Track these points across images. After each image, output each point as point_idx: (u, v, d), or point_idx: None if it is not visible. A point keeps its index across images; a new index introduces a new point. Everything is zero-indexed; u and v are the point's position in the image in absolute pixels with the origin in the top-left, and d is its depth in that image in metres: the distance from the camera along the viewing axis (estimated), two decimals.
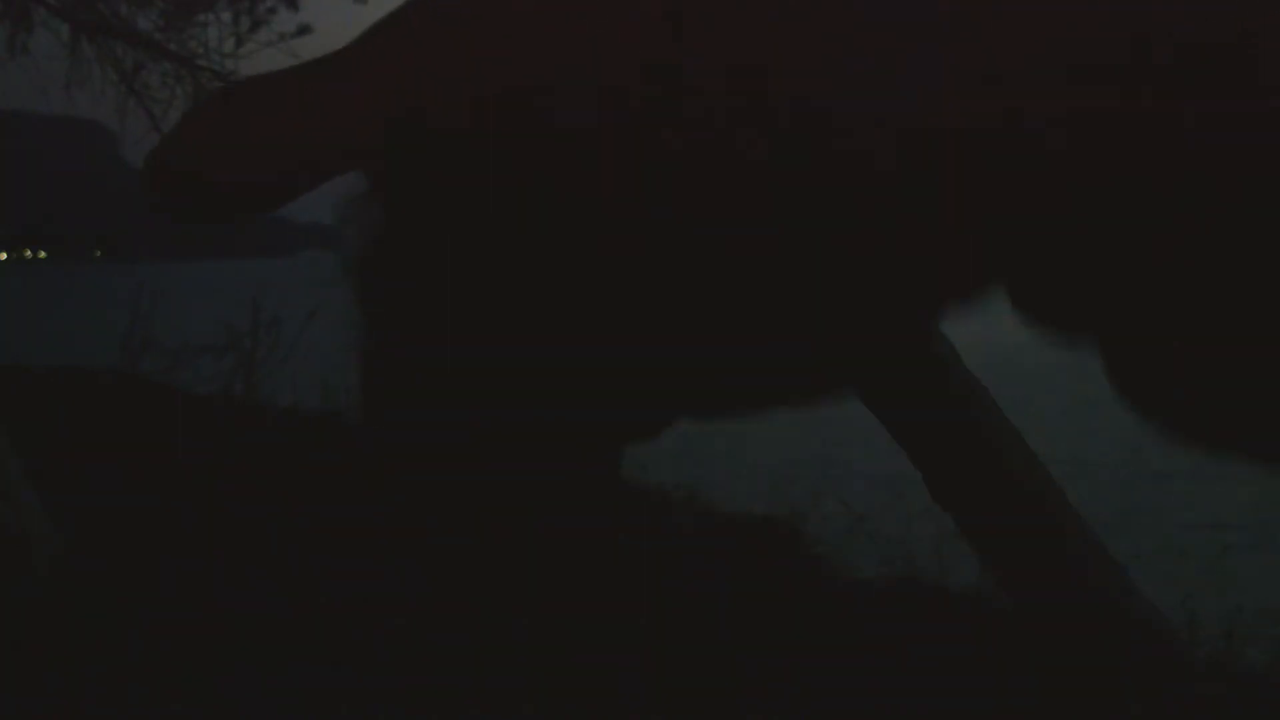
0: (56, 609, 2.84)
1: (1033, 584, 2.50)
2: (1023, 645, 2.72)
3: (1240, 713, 2.62)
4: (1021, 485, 2.45)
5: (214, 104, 2.62)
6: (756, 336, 1.95)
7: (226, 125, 2.21)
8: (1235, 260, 1.81)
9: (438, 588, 3.00)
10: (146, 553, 3.13)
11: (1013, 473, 2.45)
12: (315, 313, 5.74)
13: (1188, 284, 1.83)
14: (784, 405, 2.09)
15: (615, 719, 2.06)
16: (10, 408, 3.37)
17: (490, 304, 2.00)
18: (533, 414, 2.02)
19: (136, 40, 5.50)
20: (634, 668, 2.11)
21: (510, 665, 2.26)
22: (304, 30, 5.98)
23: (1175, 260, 1.81)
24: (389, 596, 2.96)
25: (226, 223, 2.40)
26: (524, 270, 1.97)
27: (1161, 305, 1.85)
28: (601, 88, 1.92)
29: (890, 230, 1.86)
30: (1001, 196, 1.83)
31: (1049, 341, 1.94)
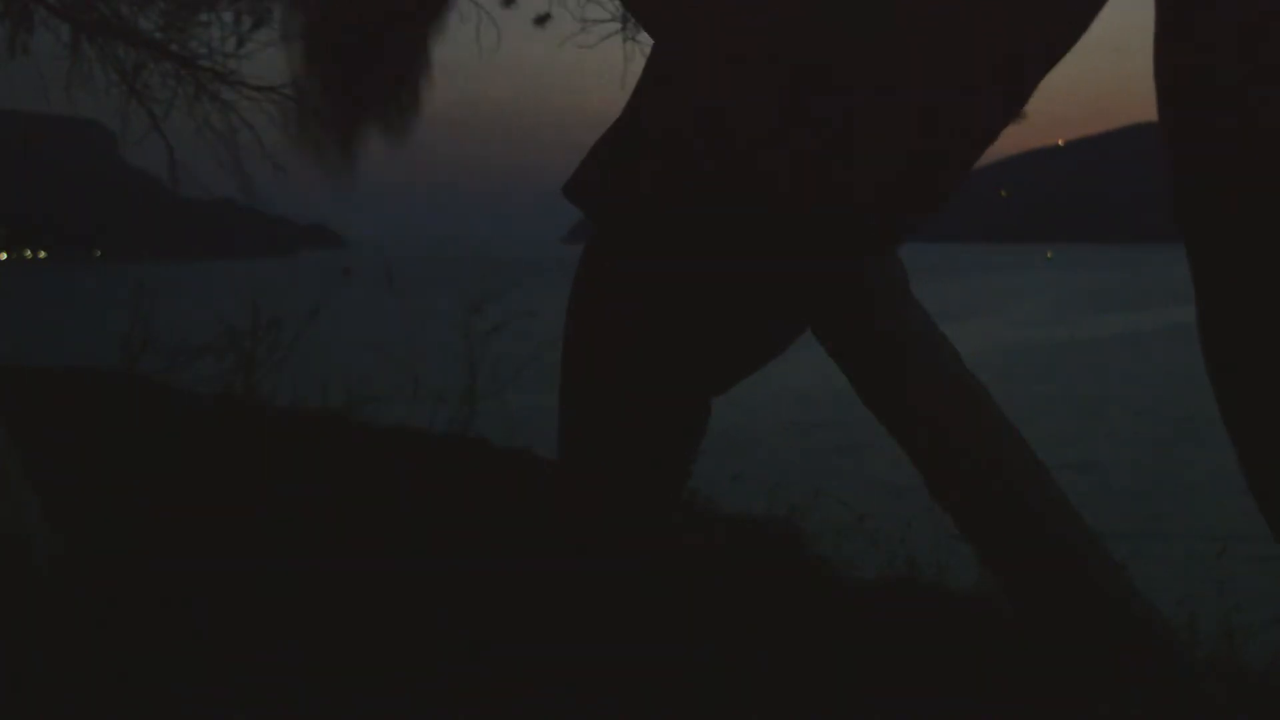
0: (56, 609, 2.84)
1: (1032, 584, 2.50)
2: (1023, 645, 2.72)
3: (1240, 713, 2.62)
4: (1022, 485, 2.45)
5: None
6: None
7: None
8: None
9: (437, 583, 3.00)
10: (146, 553, 3.13)
11: (1013, 473, 2.45)
12: (315, 312, 5.75)
13: None
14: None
15: (614, 718, 2.07)
16: (10, 408, 3.37)
17: None
18: None
19: (137, 40, 5.49)
20: (633, 667, 2.11)
21: (508, 664, 2.27)
22: None
23: None
24: (389, 595, 2.96)
25: None
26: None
27: None
28: None
29: None
30: None
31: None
